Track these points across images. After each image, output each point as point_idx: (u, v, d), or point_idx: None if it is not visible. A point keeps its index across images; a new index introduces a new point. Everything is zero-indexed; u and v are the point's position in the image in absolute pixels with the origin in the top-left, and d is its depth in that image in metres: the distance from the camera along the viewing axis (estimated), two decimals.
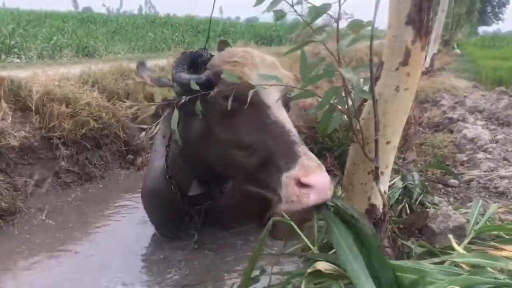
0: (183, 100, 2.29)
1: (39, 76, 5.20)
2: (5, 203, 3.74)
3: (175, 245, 3.30)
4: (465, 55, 21.17)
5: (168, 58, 8.49)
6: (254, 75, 2.29)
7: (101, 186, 4.81)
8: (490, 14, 50.78)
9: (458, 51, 23.09)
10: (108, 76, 5.89)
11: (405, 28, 2.02)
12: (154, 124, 2.29)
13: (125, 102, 2.29)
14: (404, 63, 2.06)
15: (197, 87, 2.11)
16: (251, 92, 1.98)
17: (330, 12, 1.84)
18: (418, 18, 2.01)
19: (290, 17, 1.90)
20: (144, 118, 2.27)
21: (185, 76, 2.38)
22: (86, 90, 5.24)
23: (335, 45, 1.93)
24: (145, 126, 2.29)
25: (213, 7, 2.52)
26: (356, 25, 1.86)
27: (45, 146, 4.61)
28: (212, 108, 2.32)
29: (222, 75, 2.12)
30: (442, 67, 14.17)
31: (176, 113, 2.15)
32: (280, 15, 1.88)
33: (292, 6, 1.79)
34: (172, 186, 2.99)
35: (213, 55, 2.55)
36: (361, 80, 2.45)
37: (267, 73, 2.21)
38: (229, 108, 2.05)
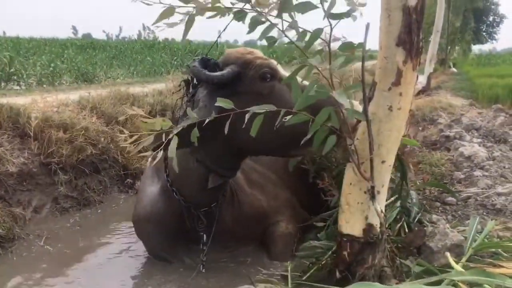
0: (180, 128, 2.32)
1: (38, 102, 5.24)
2: (3, 230, 3.72)
3: (175, 270, 3.29)
4: (461, 73, 21.31)
5: (167, 82, 8.55)
6: (273, 61, 2.83)
7: (99, 211, 4.80)
8: (484, 33, 51.24)
9: (454, 69, 23.25)
10: (106, 101, 5.93)
11: (396, 49, 2.06)
12: (155, 152, 2.31)
13: (122, 125, 2.31)
14: (396, 83, 2.09)
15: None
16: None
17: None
18: (409, 39, 2.05)
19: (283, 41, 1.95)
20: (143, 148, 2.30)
21: (214, 74, 2.66)
22: (84, 115, 5.28)
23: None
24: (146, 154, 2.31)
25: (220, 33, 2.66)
26: (347, 47, 1.89)
27: (43, 172, 4.62)
28: (247, 92, 2.71)
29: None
30: (438, 85, 14.27)
31: (175, 140, 2.18)
32: (271, 41, 1.92)
33: (283, 32, 1.83)
34: (174, 193, 3.04)
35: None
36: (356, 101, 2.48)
37: None
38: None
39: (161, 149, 2.25)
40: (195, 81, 2.83)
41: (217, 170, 2.94)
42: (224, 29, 2.48)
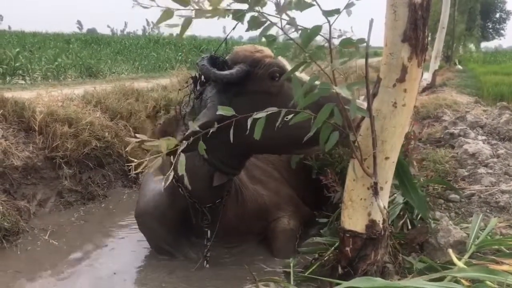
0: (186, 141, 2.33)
1: (43, 97, 5.26)
2: (8, 223, 3.73)
3: (178, 264, 3.31)
4: (466, 70, 21.22)
5: (171, 77, 8.55)
6: (281, 59, 2.78)
7: (103, 205, 4.82)
8: (491, 30, 51.18)
9: (459, 67, 23.15)
10: (111, 96, 5.95)
11: (401, 45, 2.06)
12: (169, 172, 2.30)
13: (126, 119, 2.30)
14: (401, 79, 2.09)
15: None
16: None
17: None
18: (414, 36, 2.05)
19: (282, 38, 1.95)
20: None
21: (223, 73, 2.65)
22: (89, 110, 5.30)
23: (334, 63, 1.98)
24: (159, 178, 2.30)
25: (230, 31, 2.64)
26: (348, 43, 1.89)
27: (48, 166, 4.64)
28: (256, 91, 2.69)
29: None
30: (443, 83, 14.20)
31: (183, 158, 2.18)
32: (271, 39, 1.92)
33: (282, 30, 1.83)
34: (180, 189, 3.05)
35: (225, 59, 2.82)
36: (362, 97, 2.48)
37: None
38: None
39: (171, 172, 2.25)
40: (202, 78, 2.82)
41: (223, 169, 2.95)
42: (233, 29, 2.47)
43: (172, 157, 2.96)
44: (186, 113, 2.87)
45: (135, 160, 2.28)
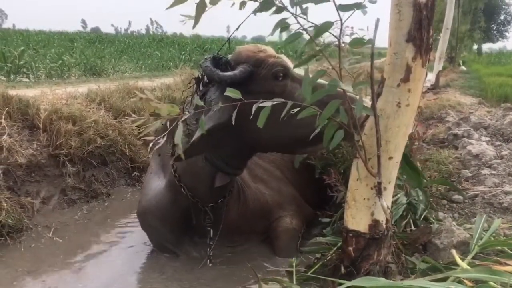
0: (188, 115, 2.32)
1: (47, 95, 5.26)
2: (12, 220, 3.74)
3: (181, 263, 3.32)
4: (470, 72, 21.18)
5: (175, 76, 8.55)
6: (285, 58, 2.78)
7: (106, 203, 4.82)
8: (495, 32, 51.11)
9: (463, 68, 23.12)
10: (114, 94, 5.95)
11: (405, 45, 2.06)
12: (161, 136, 2.29)
13: (130, 117, 2.30)
14: (405, 79, 2.09)
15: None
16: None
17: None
18: (419, 36, 2.04)
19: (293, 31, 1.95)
20: (148, 133, 2.29)
21: (226, 74, 2.62)
22: (93, 108, 5.31)
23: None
24: (150, 138, 2.28)
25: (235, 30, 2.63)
26: (357, 43, 1.89)
27: (52, 163, 4.64)
28: (259, 92, 2.62)
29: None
30: (447, 83, 14.19)
31: (181, 127, 2.17)
32: (284, 25, 1.92)
33: (296, 19, 1.83)
34: (182, 189, 3.05)
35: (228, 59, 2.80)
36: (368, 97, 2.48)
37: None
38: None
39: (164, 135, 2.22)
40: (205, 79, 2.81)
41: (225, 169, 2.95)
42: (237, 28, 2.46)
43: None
44: (188, 113, 2.87)
45: (135, 116, 2.27)
